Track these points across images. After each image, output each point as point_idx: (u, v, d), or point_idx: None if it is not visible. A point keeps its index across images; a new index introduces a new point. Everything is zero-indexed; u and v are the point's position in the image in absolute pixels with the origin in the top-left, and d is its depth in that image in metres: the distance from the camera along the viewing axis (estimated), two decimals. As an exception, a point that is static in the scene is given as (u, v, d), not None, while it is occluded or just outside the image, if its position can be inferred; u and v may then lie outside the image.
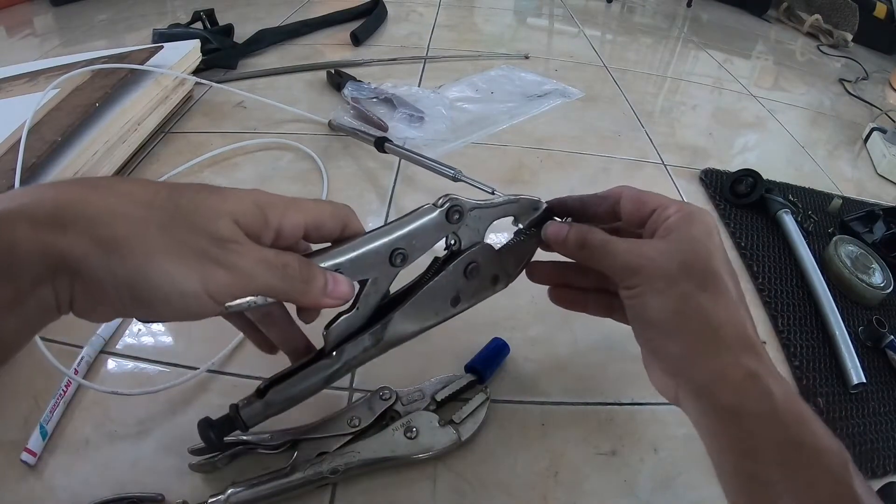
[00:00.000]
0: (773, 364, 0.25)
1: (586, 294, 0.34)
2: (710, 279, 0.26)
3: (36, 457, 0.31)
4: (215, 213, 0.22)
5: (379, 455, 0.31)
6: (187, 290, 0.20)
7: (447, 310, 0.31)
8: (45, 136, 0.47)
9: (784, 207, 0.57)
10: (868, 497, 0.21)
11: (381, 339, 0.29)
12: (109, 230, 0.19)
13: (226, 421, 0.27)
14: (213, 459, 0.30)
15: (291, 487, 0.29)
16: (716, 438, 0.25)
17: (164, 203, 0.21)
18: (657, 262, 0.27)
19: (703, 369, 0.25)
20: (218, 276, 0.21)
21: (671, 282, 0.26)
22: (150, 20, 1.01)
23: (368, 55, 0.87)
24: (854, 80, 1.11)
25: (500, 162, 0.63)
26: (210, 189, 0.23)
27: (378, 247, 0.27)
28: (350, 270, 0.26)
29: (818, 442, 0.22)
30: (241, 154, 0.60)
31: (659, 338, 0.27)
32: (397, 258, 0.27)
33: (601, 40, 1.15)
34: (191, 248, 0.21)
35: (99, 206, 0.20)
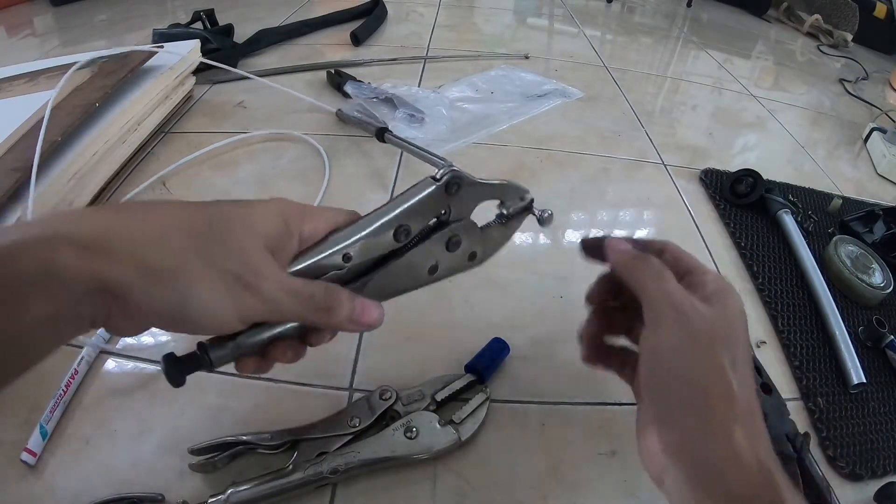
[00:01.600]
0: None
1: (610, 351, 0.33)
2: (739, 359, 0.24)
3: (36, 457, 0.31)
4: (247, 235, 0.23)
5: (379, 455, 0.31)
6: (223, 316, 0.22)
7: (424, 277, 0.32)
8: (46, 136, 0.47)
9: (784, 207, 0.57)
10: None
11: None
12: (152, 260, 0.21)
13: (192, 357, 0.26)
14: (213, 459, 0.30)
15: (291, 487, 0.29)
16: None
17: (201, 229, 0.22)
18: (705, 318, 0.25)
19: (717, 450, 0.22)
20: (249, 303, 0.23)
21: (710, 345, 0.24)
22: (150, 20, 1.01)
23: (368, 55, 0.87)
24: (854, 80, 1.11)
25: (500, 162, 0.63)
26: (240, 207, 0.24)
27: (384, 225, 0.28)
28: (360, 253, 0.28)
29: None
30: (243, 151, 0.60)
31: (674, 401, 0.24)
32: (401, 235, 0.29)
33: (601, 40, 1.15)
34: (227, 277, 0.22)
35: (142, 233, 0.21)
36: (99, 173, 0.52)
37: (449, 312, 0.43)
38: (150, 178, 0.53)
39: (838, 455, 0.36)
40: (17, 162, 0.44)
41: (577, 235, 0.53)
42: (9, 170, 0.43)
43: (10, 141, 0.47)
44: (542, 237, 0.52)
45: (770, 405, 0.37)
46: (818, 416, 0.39)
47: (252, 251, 0.23)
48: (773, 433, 0.35)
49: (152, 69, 0.62)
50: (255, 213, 0.24)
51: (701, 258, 0.53)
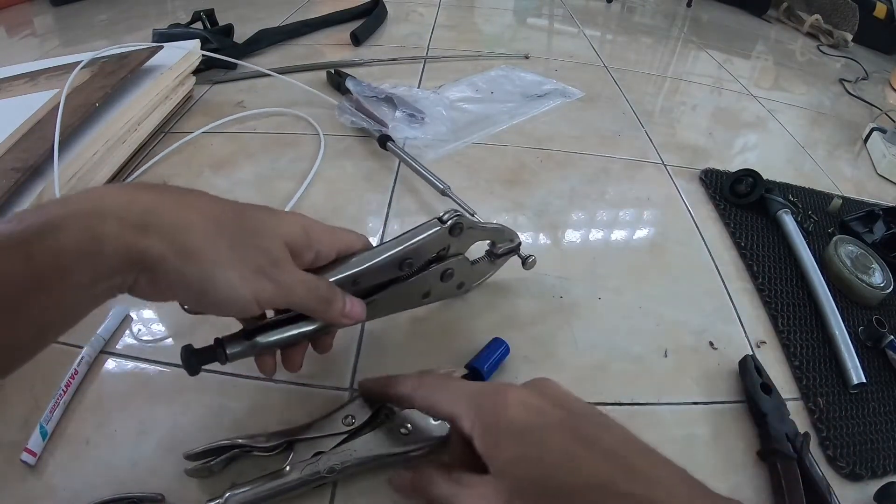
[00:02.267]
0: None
1: None
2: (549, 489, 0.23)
3: (36, 457, 0.31)
4: (272, 235, 0.27)
5: (374, 452, 0.31)
6: (241, 296, 0.25)
7: (417, 301, 0.37)
8: (46, 136, 0.47)
9: (784, 207, 0.57)
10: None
11: None
12: (187, 240, 0.23)
13: (209, 350, 0.29)
14: (209, 464, 0.30)
15: (289, 488, 0.29)
16: None
17: (231, 221, 0.26)
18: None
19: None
20: (267, 288, 0.26)
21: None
22: (150, 20, 1.01)
23: (368, 55, 0.87)
24: (854, 80, 1.11)
25: (500, 162, 0.63)
26: (268, 212, 0.28)
27: (391, 257, 0.33)
28: (367, 278, 0.32)
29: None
30: (243, 151, 0.60)
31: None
32: (406, 267, 0.34)
33: (601, 40, 1.15)
34: (250, 263, 0.25)
35: (178, 217, 0.24)
36: (99, 173, 0.52)
37: (449, 312, 0.43)
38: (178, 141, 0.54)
39: (838, 455, 0.36)
40: (18, 162, 0.44)
41: (577, 236, 0.53)
42: (9, 170, 0.43)
43: (10, 141, 0.47)
44: (542, 237, 0.52)
45: (770, 405, 0.37)
46: (818, 416, 0.39)
47: (274, 249, 0.26)
48: (774, 433, 0.35)
49: (152, 69, 0.62)
50: (281, 219, 0.28)
51: (701, 258, 0.53)
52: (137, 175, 0.55)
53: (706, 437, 0.36)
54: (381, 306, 0.35)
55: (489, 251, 0.40)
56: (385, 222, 0.52)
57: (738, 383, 0.40)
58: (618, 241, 0.54)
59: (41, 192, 0.43)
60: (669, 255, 0.52)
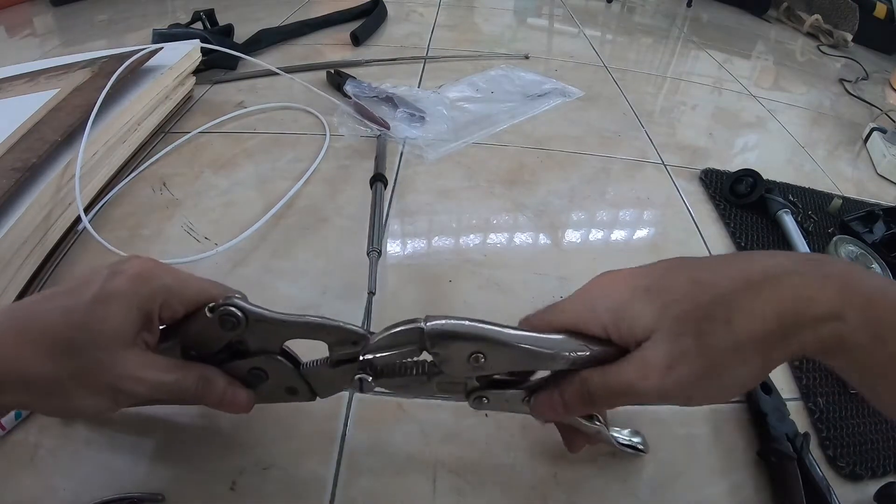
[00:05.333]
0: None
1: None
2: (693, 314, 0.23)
3: (5, 430, 0.32)
4: (109, 348, 0.24)
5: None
6: (104, 411, 0.25)
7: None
8: (46, 136, 0.47)
9: (784, 207, 0.57)
10: None
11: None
12: (31, 391, 0.24)
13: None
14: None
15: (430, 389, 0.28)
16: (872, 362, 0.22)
17: (64, 351, 0.23)
18: (657, 359, 0.23)
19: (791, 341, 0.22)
20: (125, 400, 0.26)
21: (682, 352, 0.23)
22: (150, 20, 1.01)
23: (368, 55, 0.87)
24: (854, 80, 1.11)
25: (500, 162, 0.63)
26: (95, 315, 0.24)
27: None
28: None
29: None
30: (243, 151, 0.60)
31: (726, 377, 0.23)
32: (190, 355, 0.28)
33: (601, 40, 1.15)
34: (100, 390, 0.24)
35: (18, 366, 0.23)
36: (99, 173, 0.52)
37: (449, 312, 0.43)
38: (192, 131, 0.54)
39: (838, 455, 0.36)
40: (17, 162, 0.44)
41: (577, 236, 0.53)
42: (9, 170, 0.42)
43: (10, 141, 0.47)
44: (542, 237, 0.52)
45: (770, 405, 0.37)
46: (818, 416, 0.39)
47: (119, 361, 0.24)
48: (774, 433, 0.35)
49: (152, 69, 0.62)
50: (109, 314, 0.24)
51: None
52: (137, 175, 0.55)
53: (706, 436, 0.36)
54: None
55: (329, 356, 0.28)
56: (385, 222, 0.52)
57: (738, 383, 0.40)
58: (618, 241, 0.54)
59: (41, 192, 0.43)
60: (669, 255, 0.52)
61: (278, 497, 0.30)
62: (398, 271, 0.47)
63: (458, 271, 0.47)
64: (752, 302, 0.23)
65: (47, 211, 0.45)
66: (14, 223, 0.40)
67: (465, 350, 0.26)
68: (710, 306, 0.23)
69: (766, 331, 0.22)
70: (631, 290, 0.26)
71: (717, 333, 0.23)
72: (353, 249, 0.48)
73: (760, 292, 0.23)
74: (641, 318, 0.24)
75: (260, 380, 0.29)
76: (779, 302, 0.22)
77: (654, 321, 0.24)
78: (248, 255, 0.46)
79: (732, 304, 0.23)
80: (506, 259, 0.49)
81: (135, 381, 0.25)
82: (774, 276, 0.23)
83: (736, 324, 0.22)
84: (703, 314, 0.23)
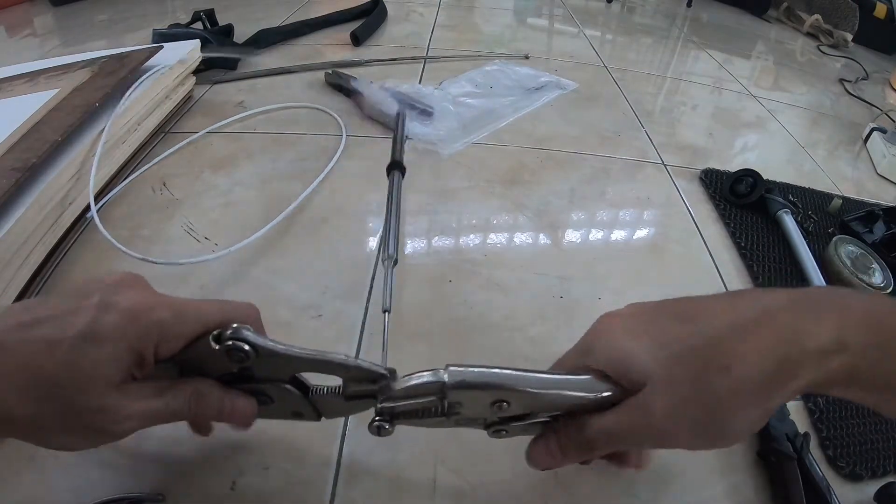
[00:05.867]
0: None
1: None
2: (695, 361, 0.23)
3: None
4: (94, 388, 0.23)
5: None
6: (90, 447, 0.25)
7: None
8: (46, 136, 0.47)
9: (784, 207, 0.57)
10: None
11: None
12: (10, 429, 0.23)
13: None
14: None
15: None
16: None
17: (46, 394, 0.22)
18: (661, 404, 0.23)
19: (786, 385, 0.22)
20: (107, 438, 0.24)
21: (684, 400, 0.23)
22: (150, 20, 1.01)
23: (368, 55, 0.87)
24: (854, 80, 1.11)
25: (500, 162, 0.63)
26: (85, 354, 0.23)
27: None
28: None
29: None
30: (243, 151, 0.60)
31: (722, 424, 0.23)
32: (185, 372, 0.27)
33: (601, 40, 1.15)
34: (83, 430, 0.23)
35: (3, 409, 0.22)
36: (99, 173, 0.52)
37: (449, 312, 0.43)
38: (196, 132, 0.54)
39: (838, 455, 0.36)
40: (18, 162, 0.43)
41: (577, 236, 0.53)
42: (9, 170, 0.42)
43: (10, 141, 0.47)
44: (542, 237, 0.52)
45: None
46: (818, 416, 0.39)
47: (103, 403, 0.23)
48: (774, 433, 0.35)
49: (152, 69, 0.62)
50: (97, 356, 0.23)
51: (701, 258, 0.53)
52: (137, 175, 0.55)
53: (706, 437, 0.36)
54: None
55: (344, 388, 0.27)
56: (386, 222, 0.52)
57: (738, 383, 0.40)
58: (618, 241, 0.54)
59: (42, 192, 0.43)
60: (669, 256, 0.52)
61: (278, 497, 0.30)
62: (397, 271, 0.47)
63: (458, 271, 0.47)
64: (748, 345, 0.22)
65: (59, 198, 0.45)
66: (14, 223, 0.40)
67: (487, 398, 0.25)
68: (705, 351, 0.23)
69: (766, 374, 0.22)
70: (626, 332, 0.25)
71: (715, 381, 0.22)
72: (354, 249, 0.48)
73: (756, 333, 0.22)
74: (637, 361, 0.24)
75: (265, 403, 0.28)
76: (776, 342, 0.22)
77: (649, 365, 0.24)
78: (247, 255, 0.46)
79: (728, 350, 0.22)
80: (506, 259, 0.49)
81: (121, 419, 0.24)
82: (768, 313, 0.23)
83: (734, 371, 0.22)
84: (700, 361, 0.23)
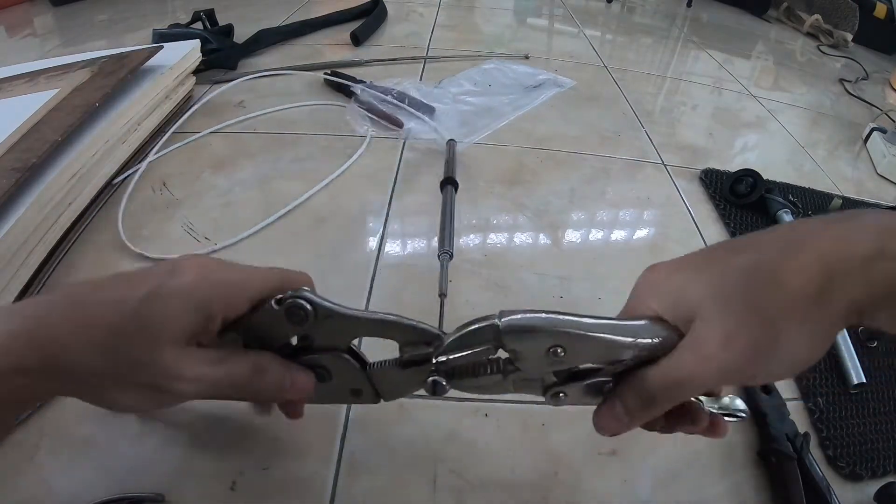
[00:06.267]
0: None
1: None
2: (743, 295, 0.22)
3: None
4: (159, 345, 0.23)
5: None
6: (144, 409, 0.26)
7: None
8: (46, 136, 0.47)
9: (784, 207, 0.57)
10: None
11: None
12: (75, 380, 0.23)
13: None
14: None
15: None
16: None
17: (113, 344, 0.23)
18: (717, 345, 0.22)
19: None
20: (169, 399, 0.24)
21: (736, 330, 0.22)
22: (150, 20, 1.01)
23: (368, 55, 0.87)
24: (854, 80, 1.11)
25: (500, 162, 0.63)
26: (153, 311, 0.23)
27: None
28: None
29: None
30: (243, 151, 0.60)
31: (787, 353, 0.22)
32: (245, 341, 0.27)
33: (601, 40, 1.15)
34: (142, 388, 0.24)
35: (63, 356, 0.22)
36: (99, 173, 0.52)
37: (450, 312, 0.43)
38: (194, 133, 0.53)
39: (838, 455, 0.36)
40: (17, 162, 0.44)
41: (577, 236, 0.53)
42: (9, 170, 0.42)
43: (10, 141, 0.47)
44: (543, 237, 0.52)
45: (770, 405, 0.37)
46: (818, 416, 0.39)
47: (164, 359, 0.23)
48: (774, 433, 0.35)
49: (152, 69, 0.62)
50: (165, 312, 0.23)
51: (701, 258, 0.53)
52: (137, 175, 0.55)
53: (706, 436, 0.36)
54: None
55: (400, 356, 0.27)
56: (385, 223, 0.52)
57: (738, 383, 0.40)
58: (618, 241, 0.54)
59: (42, 192, 0.43)
60: (669, 255, 0.51)
61: (278, 497, 0.30)
62: (398, 271, 0.47)
63: (458, 271, 0.47)
64: (795, 259, 0.22)
65: (59, 198, 0.45)
66: (14, 223, 0.40)
67: (543, 344, 0.24)
68: (755, 272, 0.22)
69: (817, 285, 0.21)
70: (674, 272, 0.26)
71: (768, 295, 0.22)
72: (355, 250, 0.48)
73: (802, 248, 0.22)
74: (687, 292, 0.24)
75: (323, 379, 0.27)
76: (822, 253, 0.21)
77: (699, 294, 0.23)
78: (247, 255, 0.46)
79: (776, 265, 0.22)
80: (506, 259, 0.49)
81: (183, 381, 0.23)
82: (813, 232, 0.23)
83: (785, 285, 0.22)
84: (749, 279, 0.22)
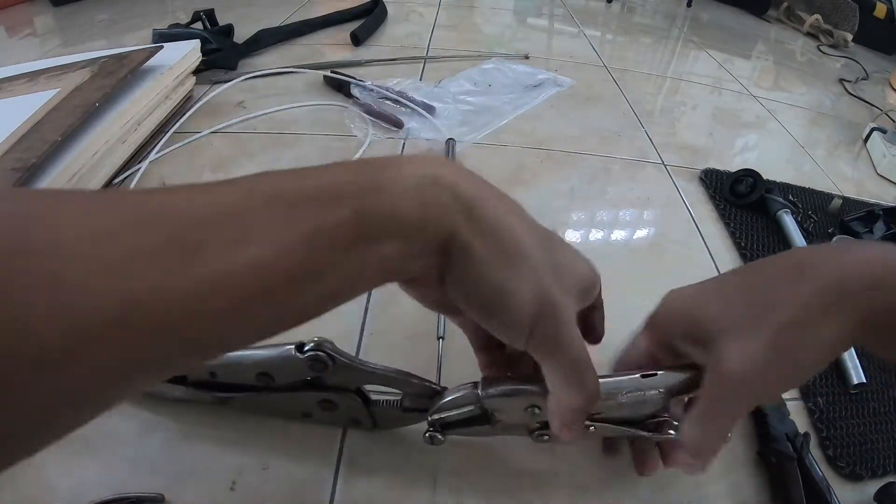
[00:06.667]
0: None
1: None
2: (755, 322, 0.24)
3: None
4: (573, 277, 0.24)
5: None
6: (512, 322, 0.22)
7: (297, 416, 0.33)
8: (46, 136, 0.47)
9: (784, 207, 0.57)
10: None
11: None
12: (505, 241, 0.21)
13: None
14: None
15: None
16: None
17: (545, 241, 0.23)
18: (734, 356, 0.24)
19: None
20: (539, 332, 0.22)
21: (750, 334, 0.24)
22: (150, 20, 1.01)
23: (368, 55, 0.87)
24: (854, 80, 1.11)
25: (500, 162, 0.63)
26: (570, 254, 0.25)
27: (245, 363, 0.30)
28: (224, 372, 0.31)
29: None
30: (243, 151, 0.60)
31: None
32: (263, 379, 0.30)
33: (601, 40, 1.15)
34: (552, 300, 0.22)
35: (500, 215, 0.21)
36: (99, 173, 0.52)
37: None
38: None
39: (838, 455, 0.36)
40: (17, 162, 0.44)
41: (576, 235, 0.53)
42: (9, 170, 0.43)
43: (10, 141, 0.47)
44: (542, 237, 0.52)
45: (770, 405, 0.37)
46: (818, 416, 0.39)
47: (570, 289, 0.23)
48: (774, 433, 0.35)
49: (152, 69, 0.62)
50: (577, 263, 0.25)
51: (701, 258, 0.53)
52: (137, 175, 0.55)
53: (706, 437, 0.36)
54: (240, 405, 0.32)
55: (402, 400, 0.31)
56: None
57: (738, 383, 0.40)
58: (618, 241, 0.54)
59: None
60: (669, 256, 0.52)
61: (278, 497, 0.30)
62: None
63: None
64: (805, 284, 0.24)
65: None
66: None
67: (520, 405, 0.28)
68: (765, 290, 0.25)
69: (825, 301, 0.23)
70: (691, 297, 0.28)
71: (779, 314, 0.23)
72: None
73: (813, 271, 0.24)
74: (705, 312, 0.26)
75: (327, 410, 0.32)
76: (830, 274, 0.23)
77: (718, 315, 0.25)
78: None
79: (788, 287, 0.24)
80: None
81: (567, 321, 0.23)
82: (822, 255, 0.25)
83: (795, 300, 0.23)
84: (762, 298, 0.24)
